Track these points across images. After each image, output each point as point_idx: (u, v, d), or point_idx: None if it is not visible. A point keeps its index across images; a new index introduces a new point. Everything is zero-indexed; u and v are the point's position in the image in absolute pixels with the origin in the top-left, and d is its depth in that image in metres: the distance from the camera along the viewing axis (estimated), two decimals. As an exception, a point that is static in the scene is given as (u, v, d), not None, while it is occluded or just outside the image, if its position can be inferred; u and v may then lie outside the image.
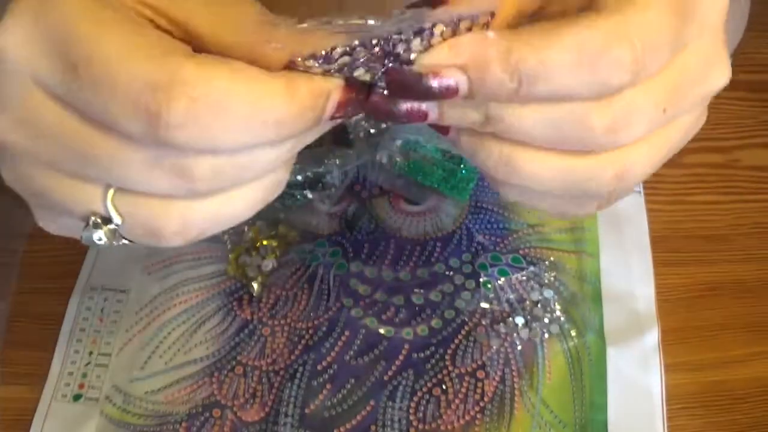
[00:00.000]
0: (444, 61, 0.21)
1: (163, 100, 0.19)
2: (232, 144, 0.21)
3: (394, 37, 0.23)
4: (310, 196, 0.46)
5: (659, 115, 0.22)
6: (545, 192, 0.23)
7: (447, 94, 0.21)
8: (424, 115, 0.23)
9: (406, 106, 0.23)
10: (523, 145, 0.22)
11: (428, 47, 0.22)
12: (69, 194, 0.23)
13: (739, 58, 0.47)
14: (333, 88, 0.22)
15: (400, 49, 0.23)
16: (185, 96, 0.19)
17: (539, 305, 0.42)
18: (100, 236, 0.23)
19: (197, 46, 0.21)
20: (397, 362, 0.41)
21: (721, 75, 0.23)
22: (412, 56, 0.23)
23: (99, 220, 0.23)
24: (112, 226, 0.23)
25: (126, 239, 0.24)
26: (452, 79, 0.21)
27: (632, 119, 0.21)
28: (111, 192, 0.22)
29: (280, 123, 0.21)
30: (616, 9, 0.20)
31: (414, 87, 0.22)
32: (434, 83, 0.21)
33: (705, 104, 0.24)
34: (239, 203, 0.24)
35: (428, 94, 0.22)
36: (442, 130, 0.24)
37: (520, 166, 0.23)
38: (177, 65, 0.20)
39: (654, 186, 0.47)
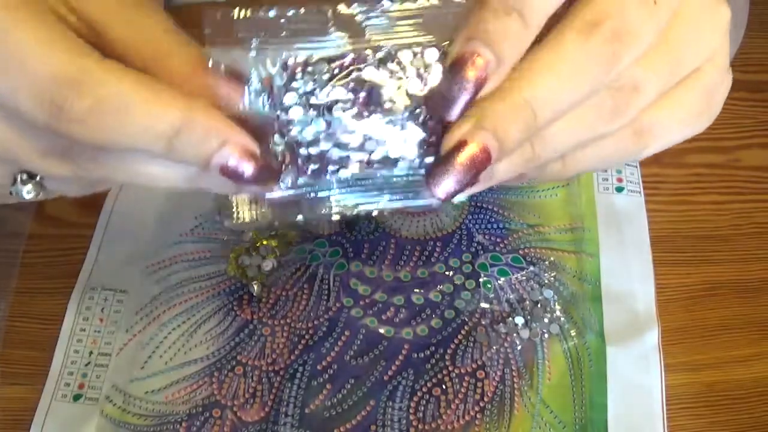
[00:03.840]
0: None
1: (68, 95, 0.20)
2: (122, 145, 0.22)
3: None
4: (310, 196, 0.46)
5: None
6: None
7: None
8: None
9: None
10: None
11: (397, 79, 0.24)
12: None
13: (739, 58, 0.47)
14: (232, 142, 0.22)
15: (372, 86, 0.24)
16: (91, 95, 0.21)
17: (539, 305, 0.42)
18: (29, 190, 0.25)
19: (103, 48, 0.22)
20: (397, 362, 0.41)
21: None
22: (388, 100, 0.24)
23: (26, 176, 0.25)
24: (37, 179, 0.25)
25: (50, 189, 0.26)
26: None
27: (642, 85, 0.24)
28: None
29: (169, 140, 0.22)
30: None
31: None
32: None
33: None
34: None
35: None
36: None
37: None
38: (88, 65, 0.21)
39: (654, 186, 0.47)
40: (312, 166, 0.24)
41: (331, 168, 0.24)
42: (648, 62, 0.23)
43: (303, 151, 0.24)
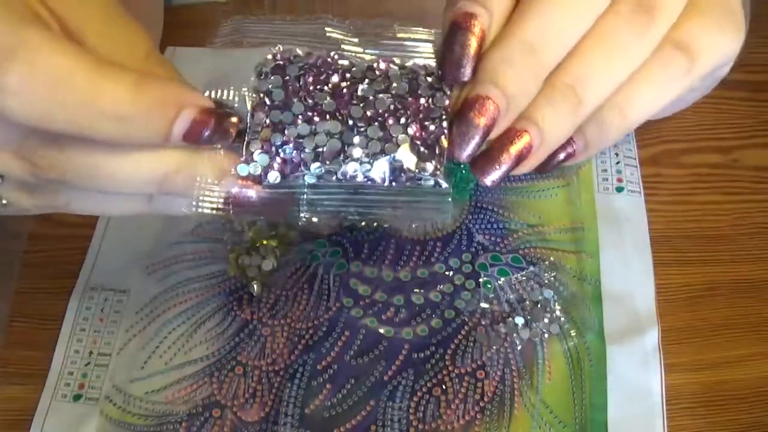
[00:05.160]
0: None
1: (3, 61, 0.19)
2: (67, 125, 0.20)
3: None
4: (310, 196, 0.46)
5: None
6: None
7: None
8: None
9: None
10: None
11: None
12: None
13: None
14: (189, 105, 0.21)
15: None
16: (27, 63, 0.19)
17: (539, 305, 0.42)
18: None
19: None
20: (397, 362, 0.41)
21: None
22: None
23: None
24: None
25: (5, 200, 0.25)
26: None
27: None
28: None
29: (120, 119, 0.20)
30: None
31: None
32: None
33: None
34: (89, 204, 0.25)
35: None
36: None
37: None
38: (27, 33, 0.20)
39: (654, 186, 0.47)
40: (287, 151, 0.24)
41: (305, 156, 0.24)
42: None
43: (278, 136, 0.24)
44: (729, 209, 0.46)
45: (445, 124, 0.24)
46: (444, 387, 0.40)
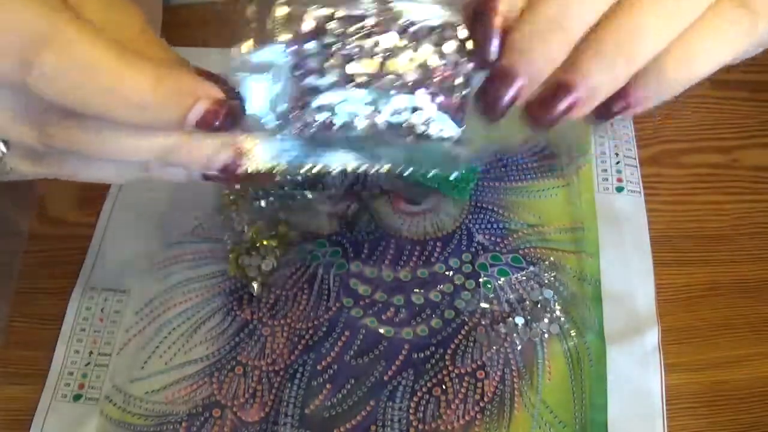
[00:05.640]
0: None
1: (39, 50, 0.21)
2: (93, 108, 0.22)
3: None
4: (310, 196, 0.46)
5: None
6: None
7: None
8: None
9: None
10: None
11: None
12: None
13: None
14: (203, 95, 0.23)
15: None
16: (60, 50, 0.21)
17: (539, 305, 0.42)
18: None
19: None
20: (397, 362, 0.41)
21: None
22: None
23: None
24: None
25: (11, 168, 0.26)
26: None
27: None
28: None
29: (141, 106, 0.22)
30: None
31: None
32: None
33: None
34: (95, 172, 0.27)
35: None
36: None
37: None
38: (61, 22, 0.21)
39: (654, 186, 0.47)
40: (320, 116, 0.25)
41: (337, 121, 0.25)
42: None
43: (314, 100, 0.25)
44: (729, 209, 0.46)
45: (466, 91, 0.25)
46: (444, 387, 0.40)
